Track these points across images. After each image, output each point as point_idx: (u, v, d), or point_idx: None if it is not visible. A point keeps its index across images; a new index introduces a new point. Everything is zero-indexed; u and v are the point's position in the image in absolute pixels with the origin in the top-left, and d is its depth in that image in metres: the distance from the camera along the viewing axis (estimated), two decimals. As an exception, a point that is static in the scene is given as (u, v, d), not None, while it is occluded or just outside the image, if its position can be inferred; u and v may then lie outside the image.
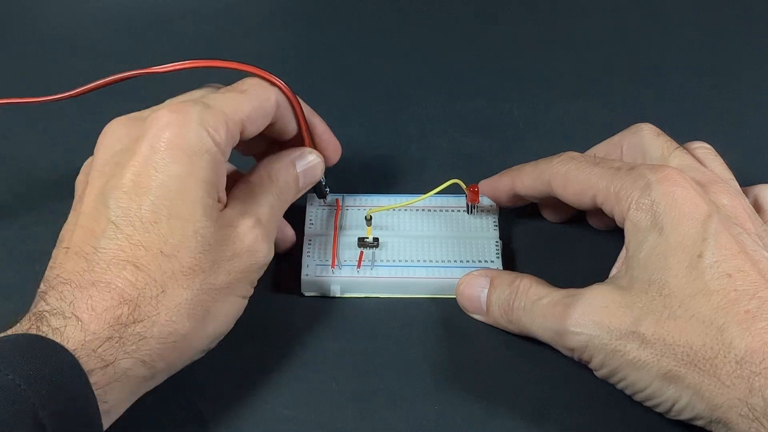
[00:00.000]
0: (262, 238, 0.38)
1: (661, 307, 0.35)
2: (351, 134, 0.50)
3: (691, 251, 0.35)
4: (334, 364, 0.41)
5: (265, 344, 0.41)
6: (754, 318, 0.33)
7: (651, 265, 0.36)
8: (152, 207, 0.35)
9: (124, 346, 0.33)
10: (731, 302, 0.34)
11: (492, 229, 0.44)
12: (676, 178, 0.36)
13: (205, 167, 0.36)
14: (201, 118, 0.36)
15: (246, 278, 0.37)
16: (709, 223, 0.35)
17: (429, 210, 0.45)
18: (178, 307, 0.34)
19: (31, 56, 0.54)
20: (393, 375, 0.40)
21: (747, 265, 0.35)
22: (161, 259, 0.34)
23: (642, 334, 0.35)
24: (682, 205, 0.36)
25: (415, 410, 0.39)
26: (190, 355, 0.36)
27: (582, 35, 0.54)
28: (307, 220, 0.45)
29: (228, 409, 0.39)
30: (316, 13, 0.56)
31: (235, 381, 0.39)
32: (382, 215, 0.44)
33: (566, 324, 0.36)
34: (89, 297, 0.33)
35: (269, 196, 0.39)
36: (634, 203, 0.37)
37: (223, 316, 0.36)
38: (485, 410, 0.39)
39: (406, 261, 0.43)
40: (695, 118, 0.50)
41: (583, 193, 0.39)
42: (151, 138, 0.36)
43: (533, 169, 0.42)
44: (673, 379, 0.34)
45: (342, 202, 0.45)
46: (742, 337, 0.33)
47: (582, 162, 0.40)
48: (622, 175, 0.38)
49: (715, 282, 0.34)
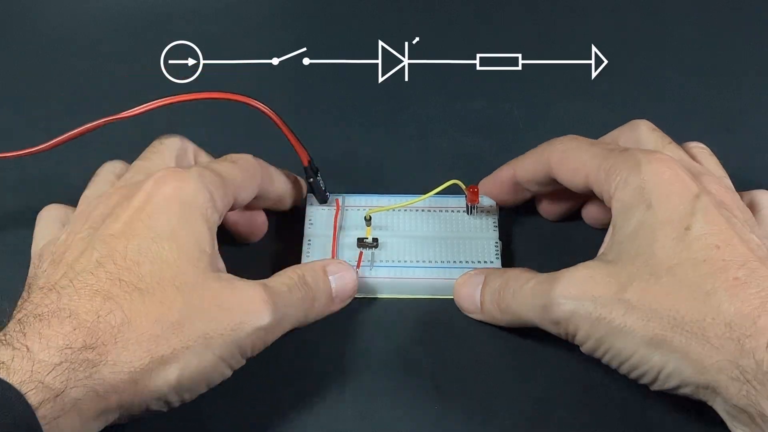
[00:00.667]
0: (262, 299, 0.35)
1: (647, 275, 0.34)
2: (351, 134, 0.50)
3: (679, 224, 0.35)
4: (334, 364, 0.41)
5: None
6: (743, 284, 0.33)
7: (638, 239, 0.36)
8: (138, 249, 0.35)
9: (74, 372, 0.31)
10: (719, 270, 0.34)
11: (492, 229, 0.44)
12: (667, 160, 0.37)
13: (199, 219, 0.36)
14: (201, 177, 0.37)
15: (231, 338, 0.34)
16: (698, 200, 0.35)
17: (428, 210, 0.45)
18: (138, 338, 0.33)
19: (31, 56, 0.54)
20: (393, 375, 0.40)
21: (735, 239, 0.34)
22: (135, 293, 0.34)
23: (627, 300, 0.34)
24: (671, 184, 0.36)
25: (415, 410, 0.39)
26: (147, 397, 0.33)
27: (582, 35, 0.54)
28: (307, 220, 0.45)
29: (228, 409, 0.39)
30: (316, 13, 0.56)
31: (234, 381, 0.39)
32: (381, 216, 0.44)
33: (552, 296, 0.36)
34: (46, 326, 0.32)
35: (286, 277, 0.38)
36: (622, 181, 0.37)
37: (192, 368, 0.34)
38: (485, 410, 0.39)
39: (405, 261, 0.43)
40: (695, 118, 0.50)
41: (577, 172, 0.39)
42: (148, 191, 0.36)
43: (534, 152, 0.42)
44: (659, 344, 0.34)
45: (342, 203, 0.45)
46: (731, 302, 0.33)
47: (581, 143, 0.40)
48: (615, 155, 0.38)
49: (703, 252, 0.34)
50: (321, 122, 0.50)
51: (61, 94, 0.52)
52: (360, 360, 0.41)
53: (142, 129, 0.41)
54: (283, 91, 0.52)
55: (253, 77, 0.52)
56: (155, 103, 0.39)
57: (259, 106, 0.39)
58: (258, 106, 0.39)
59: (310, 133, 0.43)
